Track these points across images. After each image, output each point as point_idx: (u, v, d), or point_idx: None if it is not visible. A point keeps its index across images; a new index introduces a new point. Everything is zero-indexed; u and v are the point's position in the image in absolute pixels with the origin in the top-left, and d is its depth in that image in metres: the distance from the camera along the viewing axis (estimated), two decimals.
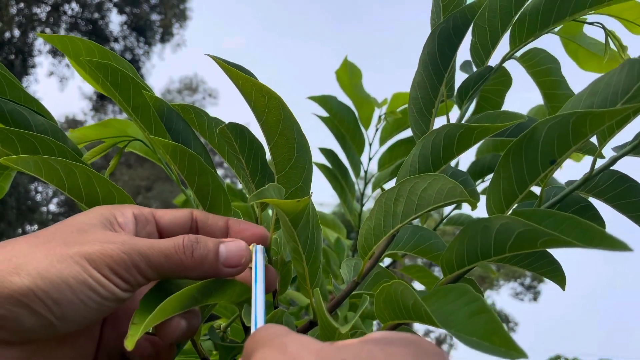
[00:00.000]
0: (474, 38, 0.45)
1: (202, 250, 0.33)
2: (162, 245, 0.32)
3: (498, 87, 0.53)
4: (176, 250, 0.32)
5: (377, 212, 0.38)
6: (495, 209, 0.36)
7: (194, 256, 0.33)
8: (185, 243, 0.33)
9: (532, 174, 0.33)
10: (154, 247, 0.32)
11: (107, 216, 0.33)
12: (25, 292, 0.28)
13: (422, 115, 0.43)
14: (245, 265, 0.34)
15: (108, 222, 0.33)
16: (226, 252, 0.34)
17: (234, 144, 0.39)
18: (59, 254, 0.30)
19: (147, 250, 0.31)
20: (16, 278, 0.28)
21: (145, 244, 0.32)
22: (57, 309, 0.29)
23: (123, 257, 0.31)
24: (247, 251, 0.35)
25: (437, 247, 0.46)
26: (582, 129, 0.29)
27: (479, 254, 0.34)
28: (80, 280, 0.29)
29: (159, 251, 0.32)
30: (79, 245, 0.30)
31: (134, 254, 0.31)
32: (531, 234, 0.29)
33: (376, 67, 29.70)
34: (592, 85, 0.32)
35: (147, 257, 0.31)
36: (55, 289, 0.29)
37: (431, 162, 0.38)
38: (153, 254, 0.32)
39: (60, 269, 0.29)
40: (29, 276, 0.28)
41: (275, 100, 0.36)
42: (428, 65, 0.41)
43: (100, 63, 0.39)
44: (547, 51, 0.51)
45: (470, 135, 0.35)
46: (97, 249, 0.30)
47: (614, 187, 0.41)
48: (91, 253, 0.30)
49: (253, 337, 0.25)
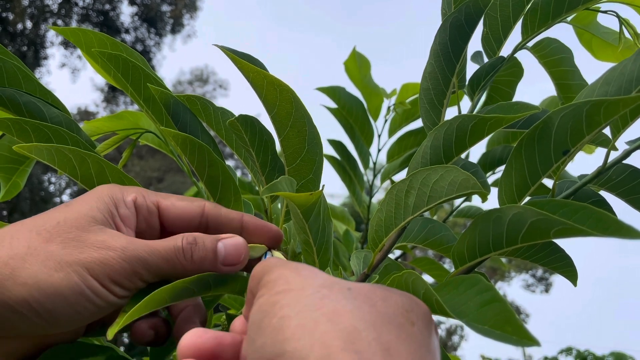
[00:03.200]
0: (486, 28, 0.44)
1: (201, 252, 0.32)
2: (162, 250, 0.32)
3: (509, 78, 0.52)
4: (176, 254, 0.32)
5: (388, 204, 0.38)
6: (508, 201, 0.36)
7: (194, 259, 0.32)
8: (184, 246, 0.32)
9: (545, 165, 0.33)
10: (154, 253, 0.31)
11: (109, 205, 0.32)
12: (21, 302, 0.28)
13: (433, 106, 0.42)
14: (244, 262, 0.34)
15: (109, 214, 0.32)
16: (224, 251, 0.33)
17: (244, 137, 0.39)
18: (57, 261, 0.29)
19: (147, 256, 0.31)
20: (12, 285, 0.28)
21: (145, 249, 0.31)
22: (50, 317, 0.29)
23: (123, 265, 0.30)
24: (246, 248, 0.34)
25: (448, 239, 0.45)
26: (596, 117, 0.29)
27: (491, 245, 0.33)
28: (78, 292, 0.29)
29: (159, 256, 0.31)
30: (78, 250, 0.30)
31: (134, 261, 0.31)
32: (544, 224, 0.28)
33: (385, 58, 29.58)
34: (606, 75, 0.32)
35: (147, 262, 0.31)
36: (50, 300, 0.29)
37: (443, 154, 0.38)
38: (153, 259, 0.31)
39: (58, 279, 0.29)
40: (25, 285, 0.28)
41: (287, 93, 0.36)
42: (440, 55, 0.41)
43: (112, 55, 0.40)
44: (560, 41, 0.50)
45: (483, 126, 0.35)
46: (97, 257, 0.30)
47: (627, 181, 0.41)
48: (90, 262, 0.30)
49: (262, 263, 0.26)
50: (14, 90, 0.40)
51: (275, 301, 0.22)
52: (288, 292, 0.23)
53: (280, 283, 0.23)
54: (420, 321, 0.22)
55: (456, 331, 16.25)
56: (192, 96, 0.44)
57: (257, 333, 0.22)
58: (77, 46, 0.45)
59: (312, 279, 0.23)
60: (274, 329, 0.21)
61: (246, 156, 0.43)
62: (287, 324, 0.21)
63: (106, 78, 0.44)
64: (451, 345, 15.46)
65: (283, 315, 0.21)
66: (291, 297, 0.22)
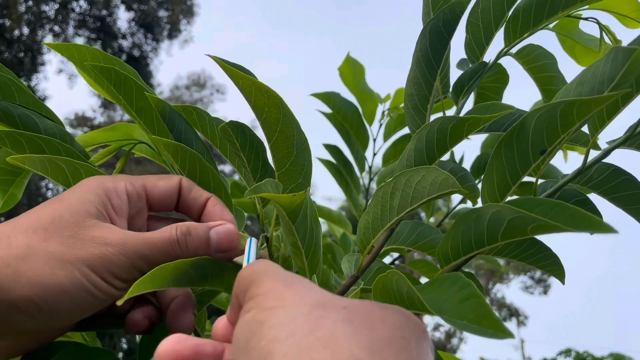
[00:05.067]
0: (468, 35, 0.46)
1: (195, 242, 0.34)
2: (158, 242, 0.33)
3: (495, 84, 0.54)
4: (172, 245, 0.33)
5: (375, 206, 0.39)
6: (490, 200, 0.36)
7: (189, 248, 0.34)
8: (179, 237, 0.33)
9: (524, 164, 0.34)
10: (151, 246, 0.32)
11: (101, 198, 0.33)
12: (26, 301, 0.29)
13: (418, 111, 0.43)
14: (235, 248, 0.35)
15: (103, 206, 0.33)
16: (217, 238, 0.35)
17: (235, 142, 0.40)
18: (58, 259, 0.30)
19: (144, 249, 0.32)
20: (17, 286, 0.29)
21: (142, 243, 0.32)
22: (54, 313, 0.30)
23: (123, 260, 0.31)
24: (237, 234, 0.36)
25: (438, 242, 0.46)
26: (570, 117, 0.30)
27: (473, 244, 0.34)
28: (81, 287, 0.30)
29: (155, 249, 0.33)
30: (78, 247, 0.31)
31: (132, 255, 0.32)
32: (521, 221, 0.29)
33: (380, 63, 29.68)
34: (579, 76, 0.33)
35: (145, 256, 0.32)
36: (55, 297, 0.30)
37: (426, 156, 0.39)
38: (150, 252, 0.32)
39: (61, 277, 0.30)
40: (30, 285, 0.29)
41: (275, 99, 0.38)
42: (421, 61, 0.42)
43: (104, 68, 0.41)
44: (543, 47, 0.51)
45: (462, 127, 0.36)
46: (97, 253, 0.31)
47: (609, 179, 0.42)
48: (91, 258, 0.30)
49: (251, 268, 0.24)
50: (8, 103, 0.41)
51: (263, 320, 0.20)
52: (278, 309, 0.21)
53: (271, 298, 0.21)
54: (415, 339, 0.21)
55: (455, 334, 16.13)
56: (188, 106, 0.45)
57: (244, 355, 0.20)
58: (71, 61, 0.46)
59: (306, 296, 0.21)
60: (261, 352, 0.19)
61: (239, 163, 0.45)
62: (277, 349, 0.19)
63: (100, 92, 0.45)
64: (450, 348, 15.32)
65: (272, 338, 0.19)
66: (282, 316, 0.20)
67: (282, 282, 0.22)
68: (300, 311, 0.20)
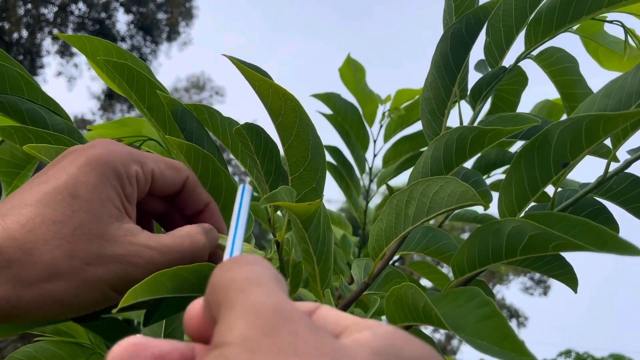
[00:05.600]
0: (488, 38, 0.44)
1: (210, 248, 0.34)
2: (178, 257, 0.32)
3: (514, 87, 0.52)
4: (196, 253, 0.33)
5: (389, 213, 0.38)
6: (507, 212, 0.36)
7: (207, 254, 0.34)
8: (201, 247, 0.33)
9: (544, 176, 0.33)
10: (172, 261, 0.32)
11: (118, 191, 0.31)
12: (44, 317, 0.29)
13: (434, 115, 0.42)
14: None
15: (120, 202, 0.31)
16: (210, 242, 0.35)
17: (249, 144, 0.39)
18: (82, 280, 0.29)
19: (166, 264, 0.31)
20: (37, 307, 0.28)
21: (163, 260, 0.31)
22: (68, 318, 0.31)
23: (144, 277, 0.30)
24: None
25: (449, 248, 0.46)
26: (596, 132, 0.29)
27: (490, 257, 0.33)
28: (99, 303, 0.30)
29: (173, 262, 0.32)
30: (103, 267, 0.29)
31: (153, 272, 0.30)
32: (543, 238, 0.29)
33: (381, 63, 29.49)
34: (605, 88, 0.32)
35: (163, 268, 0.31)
36: (73, 311, 0.30)
37: (443, 164, 0.38)
38: (167, 264, 0.32)
39: (83, 298, 0.29)
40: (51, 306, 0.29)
41: (292, 102, 0.37)
42: (440, 66, 0.41)
43: (117, 63, 0.40)
44: (565, 50, 0.50)
45: (483, 138, 0.35)
46: (120, 274, 0.30)
47: (628, 190, 0.41)
48: (114, 279, 0.30)
49: (231, 270, 0.18)
50: (16, 97, 0.41)
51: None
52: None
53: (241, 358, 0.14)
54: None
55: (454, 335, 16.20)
56: (200, 105, 0.44)
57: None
58: (83, 53, 0.45)
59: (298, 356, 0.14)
60: None
61: (251, 165, 0.44)
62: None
63: (111, 86, 0.44)
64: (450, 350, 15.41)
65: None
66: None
67: (264, 325, 0.15)
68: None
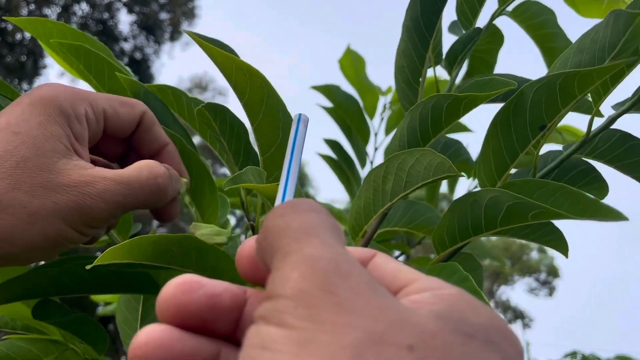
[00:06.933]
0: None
1: (173, 192, 0.33)
2: (140, 193, 0.30)
3: (490, 46, 0.50)
4: (155, 194, 0.31)
5: (366, 190, 0.37)
6: (487, 181, 0.34)
7: (167, 196, 0.32)
8: (163, 183, 0.31)
9: (522, 141, 0.31)
10: (132, 194, 0.30)
11: (64, 128, 0.29)
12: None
13: (409, 85, 0.41)
14: None
15: (67, 139, 0.29)
16: None
17: (213, 125, 0.37)
18: (29, 214, 0.27)
19: (123, 200, 0.29)
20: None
21: (122, 187, 0.29)
22: (21, 262, 0.28)
23: (100, 206, 0.28)
24: None
25: (432, 221, 0.44)
26: (571, 90, 0.27)
27: (471, 230, 0.32)
28: (53, 242, 0.28)
29: (136, 199, 0.30)
30: (51, 199, 0.27)
31: (112, 206, 0.29)
32: (521, 207, 0.27)
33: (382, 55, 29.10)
34: (578, 42, 0.30)
35: (125, 206, 0.30)
36: (24, 252, 0.27)
37: (420, 135, 0.37)
38: (129, 201, 0.30)
39: (33, 233, 0.27)
40: None
41: (258, 79, 0.35)
42: (412, 31, 0.39)
43: (73, 45, 0.38)
44: (540, 2, 0.48)
45: (458, 105, 0.33)
46: (72, 206, 0.28)
47: (615, 147, 0.39)
48: (66, 210, 0.27)
49: (285, 215, 0.16)
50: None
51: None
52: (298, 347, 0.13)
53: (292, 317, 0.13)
54: None
55: None
56: (164, 86, 0.42)
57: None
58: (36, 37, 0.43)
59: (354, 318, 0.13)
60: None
61: (220, 148, 0.42)
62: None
63: (69, 71, 0.42)
64: None
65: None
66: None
67: (321, 280, 0.14)
68: (334, 356, 0.12)
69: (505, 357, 0.14)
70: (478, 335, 0.14)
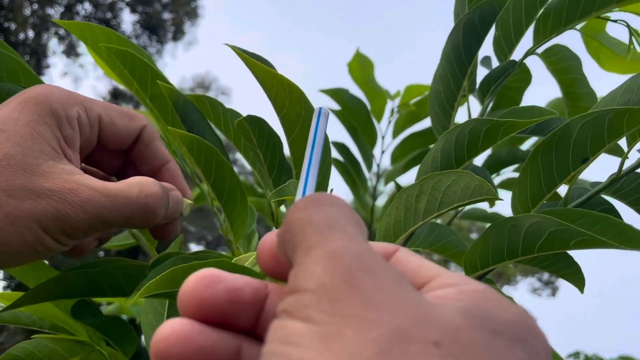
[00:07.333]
0: (497, 31, 0.44)
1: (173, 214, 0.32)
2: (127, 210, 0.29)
3: (518, 84, 0.52)
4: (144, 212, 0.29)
5: (397, 208, 0.37)
6: (521, 208, 0.35)
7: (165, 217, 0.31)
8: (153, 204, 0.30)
9: (561, 172, 0.32)
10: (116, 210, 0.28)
11: (52, 129, 0.28)
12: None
13: (443, 109, 0.42)
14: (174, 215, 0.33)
15: (56, 141, 0.28)
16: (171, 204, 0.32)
17: (251, 137, 0.38)
18: (6, 214, 0.26)
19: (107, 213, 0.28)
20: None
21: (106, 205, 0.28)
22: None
23: (80, 216, 0.27)
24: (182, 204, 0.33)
25: (454, 244, 0.45)
26: (619, 126, 0.28)
27: (505, 254, 0.33)
28: (29, 247, 0.26)
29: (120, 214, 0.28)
30: (29, 201, 0.26)
31: (93, 219, 0.27)
32: (564, 235, 0.28)
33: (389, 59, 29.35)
34: (627, 83, 0.31)
35: (106, 220, 0.28)
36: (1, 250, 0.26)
37: (454, 158, 0.37)
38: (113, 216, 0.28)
39: (8, 234, 0.26)
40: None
41: (297, 94, 0.36)
42: (451, 58, 0.40)
43: (120, 50, 0.38)
44: (569, 48, 0.50)
45: (497, 130, 0.34)
46: (52, 211, 0.26)
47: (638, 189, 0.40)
48: (44, 217, 0.26)
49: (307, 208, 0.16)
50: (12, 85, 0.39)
51: None
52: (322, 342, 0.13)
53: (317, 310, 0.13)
54: None
55: None
56: (201, 96, 0.43)
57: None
58: (82, 41, 0.43)
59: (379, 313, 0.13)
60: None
61: (254, 158, 0.43)
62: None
63: (111, 76, 0.43)
64: None
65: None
66: None
67: (345, 274, 0.14)
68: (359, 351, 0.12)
69: (533, 353, 0.13)
70: (504, 332, 0.13)
